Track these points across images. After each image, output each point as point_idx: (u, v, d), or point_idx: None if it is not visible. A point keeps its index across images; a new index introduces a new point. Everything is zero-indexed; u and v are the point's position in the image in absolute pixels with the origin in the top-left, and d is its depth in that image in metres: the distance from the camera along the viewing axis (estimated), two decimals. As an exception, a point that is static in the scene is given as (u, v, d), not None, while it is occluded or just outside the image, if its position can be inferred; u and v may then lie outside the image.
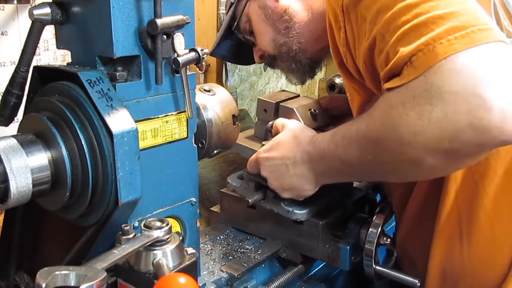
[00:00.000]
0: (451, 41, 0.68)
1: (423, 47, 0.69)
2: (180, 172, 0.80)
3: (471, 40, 0.67)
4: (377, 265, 1.01)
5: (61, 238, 0.85)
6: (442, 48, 0.68)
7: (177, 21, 0.71)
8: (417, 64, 0.69)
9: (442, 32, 0.69)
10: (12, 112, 0.75)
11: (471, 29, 0.68)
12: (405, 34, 0.72)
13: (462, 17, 0.70)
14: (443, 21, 0.70)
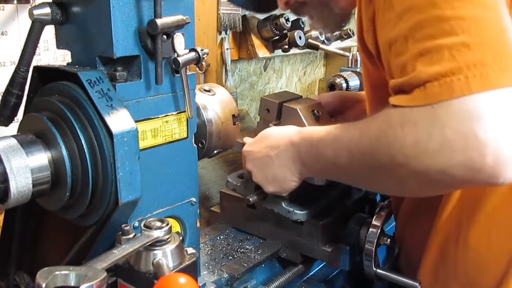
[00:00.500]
0: (469, 79, 0.67)
1: (440, 77, 0.68)
2: (180, 172, 0.80)
3: (489, 81, 0.66)
4: (378, 267, 1.01)
5: (61, 238, 0.85)
6: (458, 84, 0.67)
7: (177, 21, 0.71)
8: (430, 92, 0.69)
9: (463, 65, 0.67)
10: (12, 112, 0.75)
11: (492, 68, 0.67)
12: (428, 51, 0.71)
13: (488, 50, 0.68)
14: (468, 52, 0.68)
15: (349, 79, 1.98)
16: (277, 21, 1.88)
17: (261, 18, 1.93)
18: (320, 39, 2.03)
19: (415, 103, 0.70)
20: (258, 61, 2.13)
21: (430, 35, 0.71)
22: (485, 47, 0.68)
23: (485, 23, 0.69)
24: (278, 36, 1.95)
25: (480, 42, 0.68)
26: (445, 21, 0.70)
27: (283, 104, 1.20)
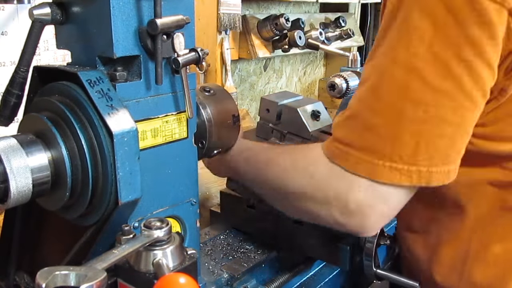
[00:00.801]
0: (367, 162, 0.72)
1: (343, 145, 0.75)
2: (180, 172, 0.80)
3: (379, 174, 0.72)
4: (378, 267, 1.01)
5: (61, 238, 0.85)
6: (363, 166, 0.73)
7: (177, 21, 0.71)
8: (338, 157, 0.76)
9: (368, 147, 0.72)
10: (12, 112, 0.75)
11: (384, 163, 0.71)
12: (359, 116, 0.75)
13: (391, 142, 0.71)
14: (389, 144, 0.71)
15: (349, 79, 1.98)
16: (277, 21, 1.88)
17: (261, 18, 1.93)
18: (320, 39, 2.03)
19: (338, 160, 0.77)
20: (258, 61, 2.13)
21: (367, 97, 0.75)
22: (394, 140, 0.71)
23: (407, 119, 0.70)
24: (278, 36, 1.95)
25: (392, 131, 0.71)
26: (380, 100, 0.73)
27: (283, 104, 1.20)
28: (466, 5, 0.65)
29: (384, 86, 0.72)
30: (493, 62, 0.67)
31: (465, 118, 0.69)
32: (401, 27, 0.71)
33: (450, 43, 0.67)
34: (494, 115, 0.71)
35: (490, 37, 0.66)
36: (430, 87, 0.68)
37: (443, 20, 0.67)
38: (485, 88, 0.68)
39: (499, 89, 0.69)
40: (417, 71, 0.68)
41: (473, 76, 0.67)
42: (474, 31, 0.65)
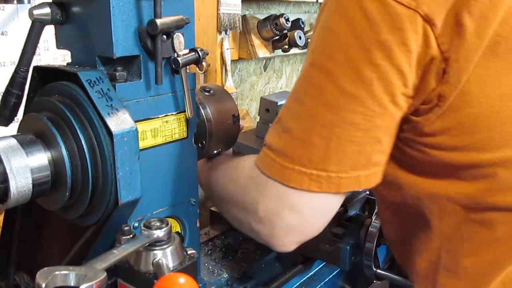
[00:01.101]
0: (279, 165, 0.73)
1: (268, 153, 0.75)
2: (180, 172, 0.80)
3: (283, 174, 0.72)
4: (378, 267, 1.01)
5: (61, 238, 0.85)
6: (275, 169, 0.73)
7: (177, 21, 0.71)
8: (263, 161, 0.76)
9: (281, 148, 0.73)
10: (12, 112, 0.75)
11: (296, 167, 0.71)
12: (278, 121, 0.76)
13: (306, 149, 0.71)
14: (300, 147, 0.71)
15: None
16: (277, 21, 1.88)
17: (261, 18, 1.93)
18: (320, 39, 2.03)
19: (258, 163, 0.77)
20: (258, 61, 2.13)
21: (288, 106, 0.76)
22: (305, 146, 0.71)
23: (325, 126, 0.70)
24: (278, 36, 1.95)
25: (304, 138, 0.71)
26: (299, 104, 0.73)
27: (283, 105, 1.20)
28: (380, 10, 0.65)
29: (302, 89, 0.73)
30: (404, 68, 0.66)
31: (375, 123, 0.68)
32: (320, 30, 0.72)
33: (363, 47, 0.66)
34: (442, 124, 0.70)
35: (401, 43, 0.65)
36: (341, 90, 0.68)
37: (358, 23, 0.67)
38: (395, 93, 0.68)
39: (437, 95, 0.69)
40: (331, 75, 0.68)
41: (383, 80, 0.67)
42: (386, 35, 0.65)
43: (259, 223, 0.76)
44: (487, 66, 0.67)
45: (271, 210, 0.74)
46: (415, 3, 0.65)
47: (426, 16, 0.65)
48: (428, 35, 0.66)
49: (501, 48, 0.67)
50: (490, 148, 0.70)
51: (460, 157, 0.72)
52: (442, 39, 0.66)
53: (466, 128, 0.70)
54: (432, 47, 0.66)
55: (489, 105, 0.68)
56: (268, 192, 0.74)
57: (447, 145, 0.72)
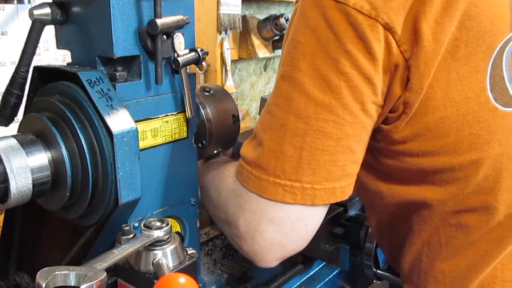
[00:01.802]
0: (255, 177, 0.73)
1: (244, 166, 0.75)
2: (180, 172, 0.80)
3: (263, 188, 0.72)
4: (378, 267, 1.01)
5: (61, 238, 0.85)
6: (251, 181, 0.73)
7: (177, 21, 0.71)
8: (238, 173, 0.77)
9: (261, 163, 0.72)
10: (12, 112, 0.75)
11: (273, 179, 0.71)
12: (254, 135, 0.76)
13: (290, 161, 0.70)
14: (273, 158, 0.71)
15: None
16: (277, 21, 1.88)
17: (261, 18, 1.93)
18: (320, 39, 2.03)
19: (238, 176, 0.77)
20: (258, 61, 2.13)
21: (265, 119, 0.75)
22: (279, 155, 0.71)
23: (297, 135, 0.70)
24: (278, 36, 1.95)
25: (274, 148, 0.71)
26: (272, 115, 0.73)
27: None
28: (342, 20, 0.66)
29: (273, 101, 0.73)
30: (371, 76, 0.67)
31: (346, 132, 0.69)
32: (288, 43, 0.72)
33: (329, 57, 0.67)
34: (411, 131, 0.71)
35: (366, 52, 0.66)
36: (312, 100, 0.68)
37: (323, 34, 0.67)
38: (365, 101, 0.68)
39: (403, 103, 0.69)
40: (300, 85, 0.69)
41: (351, 88, 0.67)
42: (351, 45, 0.66)
43: (240, 239, 0.76)
44: (448, 70, 0.67)
45: (251, 225, 0.74)
46: (375, 12, 0.65)
47: (386, 24, 0.65)
48: (390, 43, 0.66)
49: (461, 52, 0.67)
50: (460, 151, 0.70)
51: (432, 162, 0.72)
52: (404, 46, 0.66)
53: (434, 133, 0.70)
54: (394, 55, 0.67)
55: (455, 108, 0.69)
56: (247, 206, 0.74)
57: (418, 151, 0.72)
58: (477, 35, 0.67)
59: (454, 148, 0.70)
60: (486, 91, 0.69)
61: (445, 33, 0.66)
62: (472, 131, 0.69)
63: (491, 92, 0.69)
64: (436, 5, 0.65)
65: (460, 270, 0.78)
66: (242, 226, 0.75)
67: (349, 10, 0.66)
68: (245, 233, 0.75)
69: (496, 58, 0.69)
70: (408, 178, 0.77)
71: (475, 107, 0.69)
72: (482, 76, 0.68)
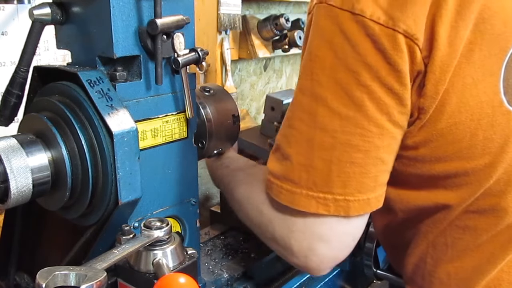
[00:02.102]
0: (287, 191, 0.73)
1: (273, 181, 0.75)
2: (180, 172, 0.80)
3: (292, 200, 0.73)
4: (378, 267, 1.01)
5: (61, 238, 0.85)
6: (283, 195, 0.74)
7: (177, 21, 0.71)
8: (267, 187, 0.77)
9: (291, 174, 0.73)
10: (12, 112, 0.75)
11: (306, 192, 0.71)
12: (277, 148, 0.76)
13: (321, 174, 0.70)
14: (304, 172, 0.71)
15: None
16: (277, 21, 1.88)
17: (261, 18, 1.93)
18: (320, 39, 2.03)
19: (268, 190, 0.77)
20: (258, 61, 2.13)
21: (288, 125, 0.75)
22: (320, 170, 0.71)
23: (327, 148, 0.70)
24: (278, 36, 1.95)
25: (303, 162, 0.71)
26: (293, 128, 0.73)
27: (288, 103, 1.20)
28: (360, 32, 0.65)
29: (295, 115, 0.73)
30: (394, 87, 0.66)
31: (374, 144, 0.68)
32: (306, 56, 0.72)
33: (349, 70, 0.66)
34: (425, 137, 0.70)
35: (386, 62, 0.65)
36: (336, 114, 0.68)
37: (341, 46, 0.66)
38: (391, 112, 0.67)
39: (417, 108, 0.68)
40: (322, 99, 0.68)
41: (375, 100, 0.66)
42: (370, 56, 0.65)
43: (292, 256, 0.77)
44: (463, 75, 0.67)
45: (303, 245, 0.75)
46: (392, 22, 0.64)
47: (406, 32, 0.64)
48: (414, 51, 0.65)
49: (475, 55, 0.66)
50: (474, 156, 0.70)
51: (445, 167, 0.72)
52: (424, 53, 0.66)
53: (448, 138, 0.69)
54: (417, 63, 0.66)
55: (469, 113, 0.68)
56: (296, 227, 0.75)
57: (431, 157, 0.72)
58: (491, 38, 0.66)
59: (468, 153, 0.70)
60: (499, 95, 0.68)
61: (460, 37, 0.65)
62: (486, 136, 0.69)
63: (504, 95, 0.68)
64: (451, 8, 0.64)
65: (465, 272, 0.78)
66: (294, 247, 0.75)
67: (366, 22, 0.64)
68: (298, 252, 0.76)
69: (510, 61, 0.68)
70: (418, 184, 0.76)
71: (489, 111, 0.68)
72: (496, 79, 0.68)
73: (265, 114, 1.29)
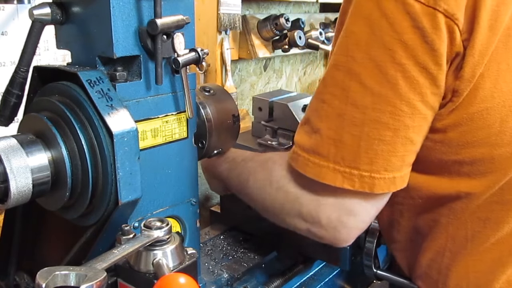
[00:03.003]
0: (314, 164, 0.74)
1: (300, 153, 0.76)
2: (180, 172, 0.80)
3: (318, 174, 0.74)
4: (378, 268, 1.01)
5: (61, 238, 0.85)
6: (309, 167, 0.75)
7: (177, 21, 0.71)
8: (293, 160, 0.78)
9: (323, 150, 0.73)
10: (12, 112, 0.75)
11: (336, 167, 0.72)
12: (307, 121, 0.77)
13: (350, 151, 0.71)
14: (333, 146, 0.72)
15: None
16: (277, 21, 1.88)
17: (261, 18, 1.93)
18: (320, 39, 2.03)
19: (293, 163, 0.78)
20: (258, 61, 2.13)
21: (317, 106, 0.75)
22: (351, 146, 0.71)
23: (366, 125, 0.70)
24: (278, 36, 1.95)
25: (347, 141, 0.71)
26: (324, 103, 0.73)
27: (274, 102, 1.20)
28: (398, 9, 0.65)
29: (327, 90, 0.73)
30: (429, 67, 0.66)
31: (404, 123, 0.68)
32: (343, 33, 0.72)
33: (384, 47, 0.66)
34: (455, 120, 0.70)
35: (423, 41, 0.65)
36: (369, 90, 0.68)
37: (378, 24, 0.67)
38: (424, 92, 0.67)
39: (451, 91, 0.68)
40: (356, 75, 0.69)
41: (408, 79, 0.67)
42: (407, 35, 0.65)
43: (322, 230, 0.78)
44: (499, 61, 0.67)
45: (333, 218, 0.76)
46: (433, 0, 0.64)
47: (446, 12, 0.64)
48: (453, 31, 0.65)
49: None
50: (502, 143, 0.70)
51: (472, 153, 0.72)
52: (465, 35, 0.66)
53: (478, 123, 0.69)
54: (456, 44, 0.66)
55: (502, 99, 0.68)
56: (325, 201, 0.76)
57: (459, 141, 0.72)
58: None
59: (496, 139, 0.70)
60: None
61: (500, 22, 0.65)
62: None
63: None
64: None
65: (485, 265, 0.78)
66: (323, 220, 0.77)
67: (406, 0, 0.64)
68: (327, 225, 0.77)
69: None
70: (441, 170, 0.76)
71: None
72: None
73: (254, 116, 1.30)
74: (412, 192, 0.80)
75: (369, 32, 0.68)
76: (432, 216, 0.82)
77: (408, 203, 0.83)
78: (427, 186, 0.78)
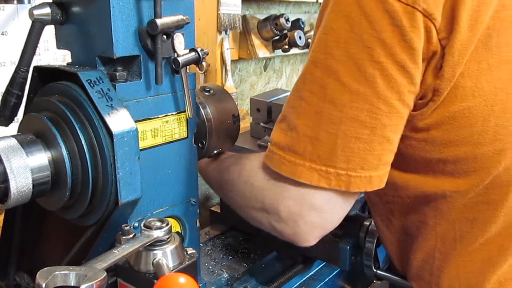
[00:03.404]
0: (289, 162, 0.73)
1: (276, 152, 0.75)
2: (180, 172, 0.80)
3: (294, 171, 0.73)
4: (378, 268, 1.01)
5: (61, 238, 0.85)
6: (285, 166, 0.74)
7: (177, 21, 0.71)
8: (274, 160, 0.76)
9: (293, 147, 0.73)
10: (12, 112, 0.75)
11: (311, 165, 0.71)
12: (283, 118, 0.76)
13: (324, 147, 0.70)
14: (309, 144, 0.71)
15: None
16: (277, 21, 1.88)
17: (261, 18, 1.93)
18: (320, 39, 2.03)
19: (268, 163, 0.77)
20: (258, 61, 2.13)
21: (293, 105, 0.75)
22: (324, 144, 0.71)
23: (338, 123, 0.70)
24: (278, 36, 1.95)
25: (324, 139, 0.71)
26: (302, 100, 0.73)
27: (272, 102, 1.20)
28: (378, 7, 0.65)
29: (305, 87, 0.73)
30: (407, 65, 0.66)
31: (381, 121, 0.68)
32: (321, 30, 0.72)
33: (363, 45, 0.66)
34: (436, 118, 0.70)
35: (402, 39, 0.65)
36: (346, 88, 0.68)
37: (357, 21, 0.67)
38: (402, 91, 0.68)
39: (432, 90, 0.69)
40: (334, 73, 0.69)
41: (386, 78, 0.67)
42: (386, 33, 0.65)
43: (281, 223, 0.77)
44: (479, 60, 0.67)
45: (293, 211, 0.75)
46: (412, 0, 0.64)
47: (425, 11, 0.65)
48: (430, 30, 0.66)
49: (493, 41, 0.67)
50: (484, 142, 0.70)
51: (455, 152, 0.72)
52: (442, 34, 0.66)
53: (460, 122, 0.70)
54: (433, 43, 0.66)
55: (483, 98, 0.68)
56: (288, 193, 0.75)
57: (442, 140, 0.72)
58: (509, 25, 0.67)
59: (479, 138, 0.70)
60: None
61: (480, 22, 0.66)
62: (498, 122, 0.69)
63: None
64: None
65: (475, 266, 0.78)
66: (283, 212, 0.76)
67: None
68: (287, 218, 0.76)
69: None
70: (426, 169, 0.76)
71: (503, 97, 0.68)
72: (511, 67, 0.68)
73: (252, 117, 1.30)
74: (400, 191, 0.81)
75: (348, 30, 0.68)
76: (419, 217, 0.82)
77: (398, 202, 0.83)
78: (414, 185, 0.78)
